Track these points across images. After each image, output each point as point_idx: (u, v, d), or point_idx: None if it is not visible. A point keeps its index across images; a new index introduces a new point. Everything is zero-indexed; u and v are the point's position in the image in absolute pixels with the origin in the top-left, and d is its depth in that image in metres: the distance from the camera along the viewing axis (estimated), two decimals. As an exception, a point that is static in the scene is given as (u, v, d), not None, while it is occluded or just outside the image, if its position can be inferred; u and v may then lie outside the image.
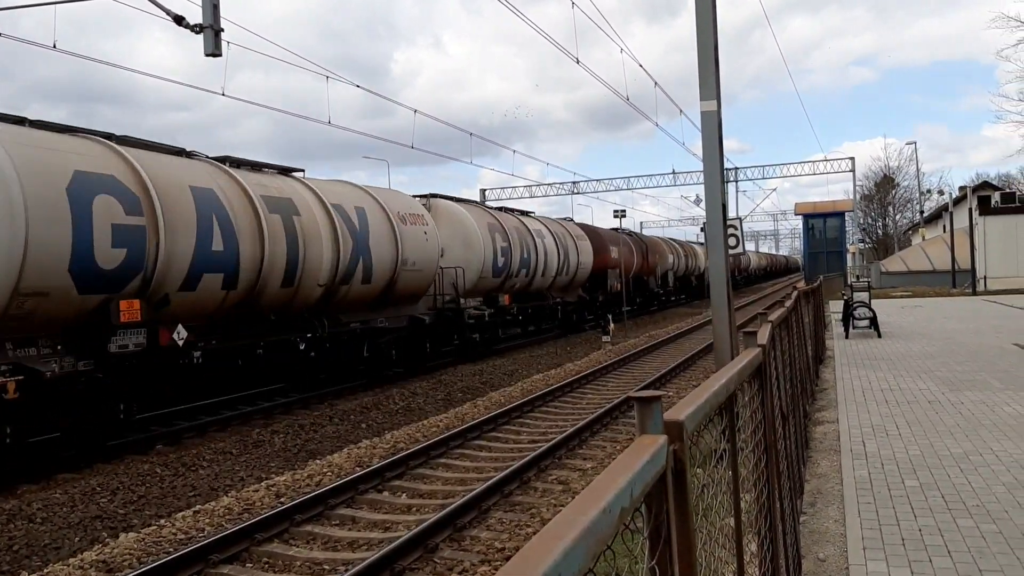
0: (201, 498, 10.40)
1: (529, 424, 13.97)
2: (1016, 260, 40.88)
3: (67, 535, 9.13)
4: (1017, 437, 8.87)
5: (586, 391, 17.32)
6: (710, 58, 10.89)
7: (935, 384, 12.72)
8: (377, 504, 9.48)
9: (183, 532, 8.54)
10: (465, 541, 8.01)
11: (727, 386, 2.58)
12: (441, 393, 18.30)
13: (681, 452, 1.71)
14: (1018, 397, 11.24)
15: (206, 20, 11.75)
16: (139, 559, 7.77)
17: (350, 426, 14.85)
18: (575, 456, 11.44)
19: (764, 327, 4.47)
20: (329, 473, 10.82)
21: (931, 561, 5.45)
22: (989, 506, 6.55)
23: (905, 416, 10.35)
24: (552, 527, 1.06)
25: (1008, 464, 7.79)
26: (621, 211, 38.86)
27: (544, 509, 8.87)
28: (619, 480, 1.27)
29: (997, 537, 5.83)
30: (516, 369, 22.27)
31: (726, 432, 2.78)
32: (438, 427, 13.74)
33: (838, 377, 13.99)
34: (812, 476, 7.92)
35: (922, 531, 6.06)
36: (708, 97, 10.91)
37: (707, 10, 10.97)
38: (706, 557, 2.20)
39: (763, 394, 3.68)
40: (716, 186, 11.14)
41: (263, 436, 13.69)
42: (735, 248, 13.08)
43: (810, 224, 55.04)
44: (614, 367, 20.60)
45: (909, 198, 76.55)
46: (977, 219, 43.15)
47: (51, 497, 10.24)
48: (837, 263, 52.17)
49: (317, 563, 7.64)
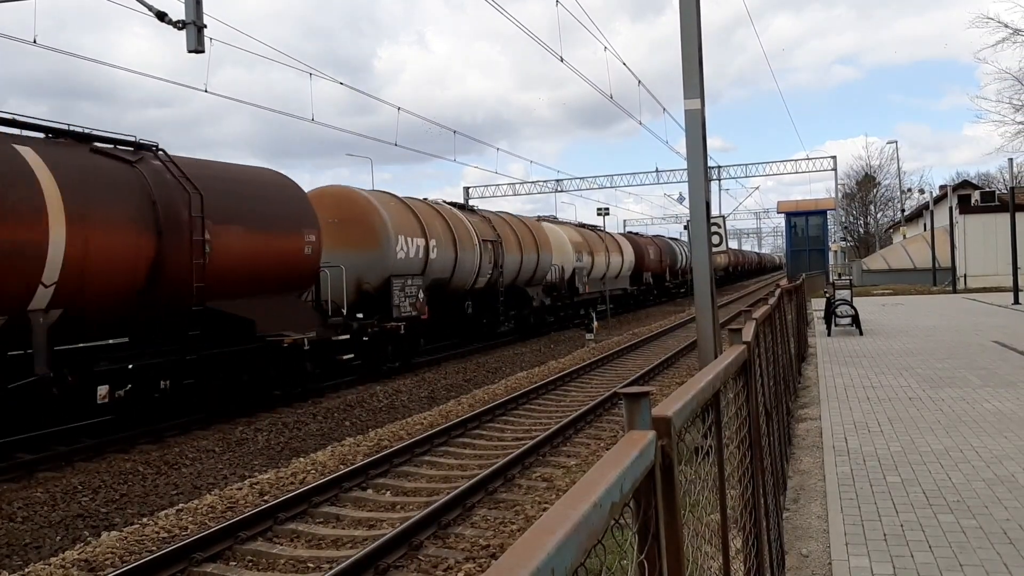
0: (184, 496, 10.34)
1: (513, 422, 13.98)
2: (995, 258, 41.23)
3: (48, 534, 9.06)
4: (996, 433, 8.96)
5: (570, 389, 17.35)
6: (694, 57, 10.92)
7: (916, 381, 12.82)
8: (361, 502, 9.46)
9: (166, 531, 8.49)
10: (450, 539, 8.01)
11: (713, 383, 2.59)
12: (425, 391, 18.29)
13: (669, 448, 1.72)
14: (997, 394, 11.35)
15: (189, 16, 11.69)
16: (121, 558, 7.72)
17: (334, 424, 14.80)
18: (559, 453, 11.46)
19: (749, 324, 4.49)
20: (313, 471, 10.78)
21: (913, 556, 5.50)
22: (969, 502, 6.62)
23: (887, 413, 10.43)
24: (544, 521, 1.06)
25: (988, 460, 7.87)
26: (604, 209, 39.04)
27: (529, 506, 8.88)
28: (609, 475, 1.28)
29: (977, 532, 5.89)
30: (500, 367, 22.27)
31: (712, 428, 2.80)
32: (422, 425, 13.73)
33: (820, 374, 14.08)
34: (795, 472, 7.98)
35: (904, 526, 6.11)
36: (692, 96, 10.94)
37: (691, 9, 11.00)
38: (692, 552, 2.21)
39: (748, 391, 3.70)
40: (700, 184, 11.17)
41: (246, 434, 13.62)
42: (718, 246, 13.13)
43: (792, 222, 55.43)
44: (597, 364, 20.64)
45: (890, 197, 77.13)
46: (957, 218, 43.52)
47: (32, 496, 10.16)
48: (819, 261, 52.54)
49: (301, 561, 7.61)
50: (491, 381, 19.51)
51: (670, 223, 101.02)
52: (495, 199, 60.05)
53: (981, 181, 67.16)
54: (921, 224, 59.70)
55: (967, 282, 42.66)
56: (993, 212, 42.18)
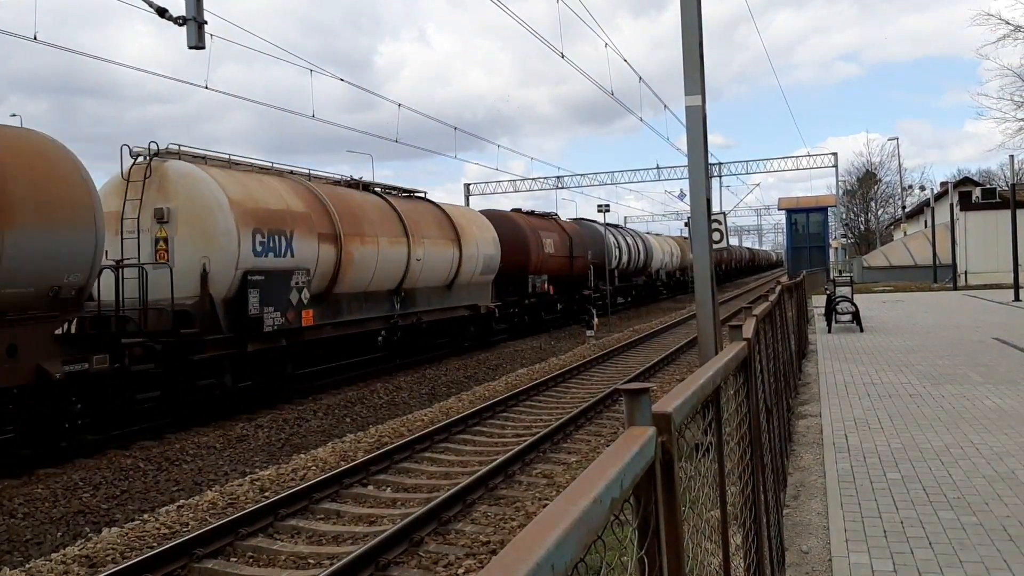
0: (184, 493, 10.35)
1: (513, 418, 13.99)
2: (996, 255, 41.21)
3: (49, 530, 9.06)
4: (996, 430, 8.96)
5: (570, 385, 17.36)
6: (695, 54, 10.90)
7: (916, 378, 12.82)
8: (362, 498, 9.47)
9: (167, 527, 8.50)
10: (450, 535, 8.01)
11: (713, 379, 2.59)
12: (425, 387, 18.29)
13: (669, 444, 1.72)
14: (997, 391, 11.35)
15: (189, 12, 11.67)
16: (122, 554, 7.73)
17: (334, 420, 14.81)
18: (559, 450, 11.47)
19: (749, 321, 4.49)
20: (313, 467, 10.79)
21: (913, 553, 5.50)
22: (970, 498, 6.62)
23: (887, 409, 10.43)
24: (544, 517, 1.06)
25: (988, 457, 7.87)
26: (605, 205, 38.99)
27: (529, 503, 8.89)
28: (610, 471, 1.28)
29: (977, 529, 5.89)
30: (500, 363, 22.28)
31: (712, 425, 2.80)
32: (422, 421, 13.73)
33: (821, 371, 14.09)
34: (795, 469, 7.98)
35: (904, 523, 6.12)
36: (693, 92, 10.92)
37: (692, 6, 10.98)
38: (692, 548, 2.21)
39: (748, 387, 3.70)
40: (701, 181, 11.15)
41: (247, 430, 13.63)
42: (719, 242, 13.12)
43: (793, 219, 55.41)
44: (598, 361, 20.65)
45: (891, 194, 77.04)
46: (958, 215, 43.52)
47: (33, 492, 10.17)
48: (820, 258, 52.54)
49: (302, 557, 7.62)
50: (491, 378, 19.52)
51: (671, 219, 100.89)
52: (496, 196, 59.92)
53: (982, 178, 67.05)
54: (922, 221, 59.65)
55: (968, 279, 42.65)
56: (994, 209, 42.16)
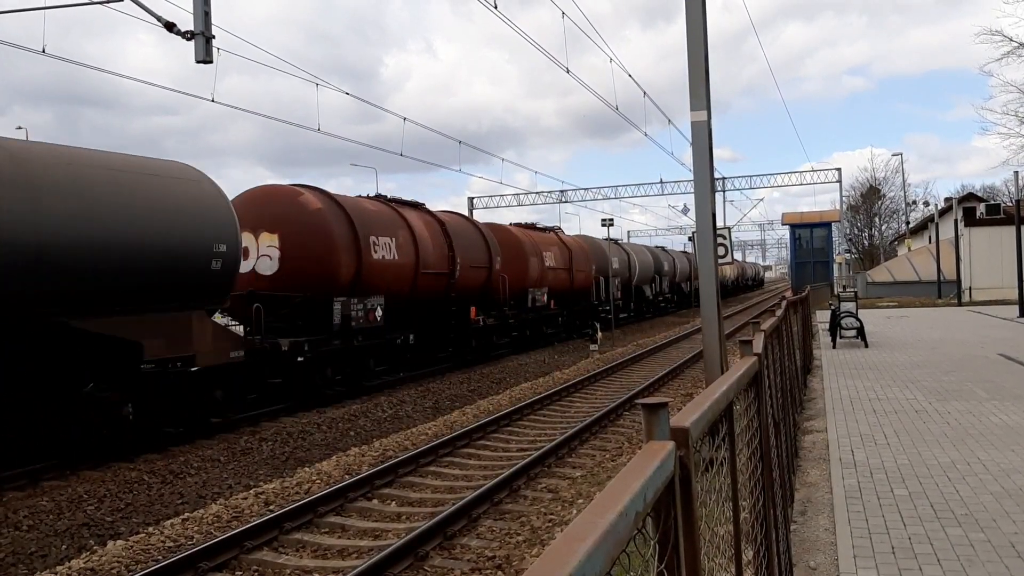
0: (189, 506, 10.34)
1: (518, 432, 13.96)
2: (1000, 271, 41.15)
3: (54, 543, 9.05)
4: (1003, 447, 8.94)
5: (574, 399, 17.33)
6: (701, 68, 10.95)
7: (922, 394, 12.79)
8: (367, 512, 9.46)
9: (171, 540, 8.49)
10: (455, 549, 8.00)
11: (727, 394, 2.60)
12: (429, 401, 18.28)
13: (687, 458, 1.73)
14: (1004, 407, 11.33)
15: (197, 27, 11.72)
16: (127, 567, 7.72)
17: (338, 434, 14.80)
18: (564, 464, 11.44)
19: (758, 336, 4.50)
20: (318, 481, 10.78)
21: (921, 570, 5.49)
22: (977, 515, 6.60)
23: (893, 425, 10.41)
24: (573, 529, 1.07)
25: (995, 473, 7.85)
26: (609, 220, 38.97)
27: (534, 517, 8.86)
28: (633, 485, 1.29)
29: (985, 546, 5.87)
30: (504, 377, 22.26)
31: (725, 440, 2.80)
32: (427, 435, 13.71)
33: (826, 386, 14.06)
34: (801, 485, 7.96)
35: (911, 540, 6.10)
36: (698, 108, 10.96)
37: (698, 21, 11.04)
38: (707, 563, 2.22)
39: (759, 402, 3.71)
40: (706, 196, 11.18)
41: (251, 444, 13.63)
42: (724, 257, 13.14)
43: (797, 234, 55.46)
44: (602, 376, 20.62)
45: (895, 209, 77.07)
46: (962, 230, 43.49)
47: (37, 504, 10.17)
48: (824, 273, 52.54)
49: (307, 571, 7.61)
50: (495, 392, 19.50)
51: (675, 234, 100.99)
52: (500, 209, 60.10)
53: (986, 194, 67.06)
54: (926, 236, 59.59)
55: (972, 295, 42.57)
56: (998, 225, 42.11)
